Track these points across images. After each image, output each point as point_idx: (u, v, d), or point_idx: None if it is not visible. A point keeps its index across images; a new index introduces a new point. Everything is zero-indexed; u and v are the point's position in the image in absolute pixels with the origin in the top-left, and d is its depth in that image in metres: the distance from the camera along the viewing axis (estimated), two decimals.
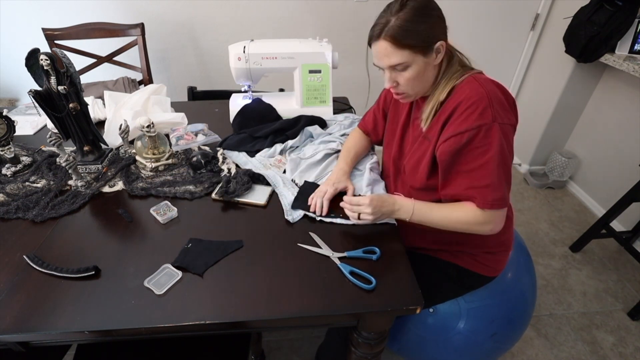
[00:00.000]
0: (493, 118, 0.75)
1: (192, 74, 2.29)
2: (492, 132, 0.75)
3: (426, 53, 0.78)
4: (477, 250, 0.97)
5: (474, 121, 0.75)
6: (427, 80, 0.83)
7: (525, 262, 1.18)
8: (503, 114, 0.77)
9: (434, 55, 0.79)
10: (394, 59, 0.78)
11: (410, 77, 0.81)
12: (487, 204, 0.78)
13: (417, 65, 0.79)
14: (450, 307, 1.03)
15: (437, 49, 0.78)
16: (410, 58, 0.78)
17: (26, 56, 0.90)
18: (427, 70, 0.81)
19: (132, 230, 0.85)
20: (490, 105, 0.75)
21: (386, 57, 0.79)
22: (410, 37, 0.75)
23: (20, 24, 1.98)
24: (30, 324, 0.64)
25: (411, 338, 1.10)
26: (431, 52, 0.78)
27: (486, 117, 0.75)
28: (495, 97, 0.77)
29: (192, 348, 0.94)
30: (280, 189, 0.98)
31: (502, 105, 0.77)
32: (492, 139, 0.75)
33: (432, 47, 0.78)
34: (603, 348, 1.49)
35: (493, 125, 0.75)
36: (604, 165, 2.13)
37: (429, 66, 0.80)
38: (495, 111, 0.75)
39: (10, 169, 1.01)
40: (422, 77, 0.81)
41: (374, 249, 0.79)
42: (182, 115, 1.30)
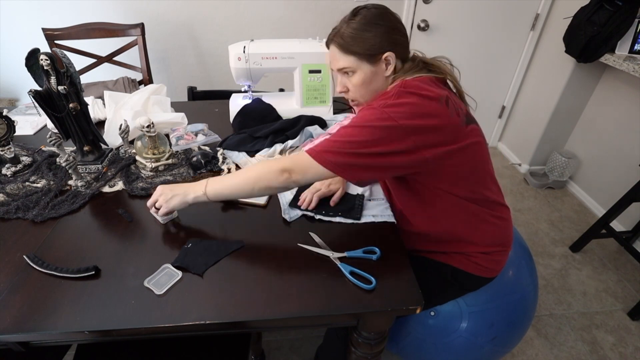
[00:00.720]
0: (383, 105, 0.75)
1: (192, 74, 2.29)
2: (372, 111, 0.75)
3: (372, 62, 0.81)
4: (470, 250, 0.96)
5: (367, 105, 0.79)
6: (375, 89, 0.86)
7: (528, 264, 1.17)
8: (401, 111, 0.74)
9: (384, 66, 0.82)
10: (341, 62, 0.84)
11: (357, 83, 0.85)
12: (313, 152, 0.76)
13: (363, 72, 0.83)
14: (451, 310, 1.03)
15: (386, 59, 0.81)
16: (355, 64, 0.82)
17: (26, 56, 0.90)
18: (374, 79, 0.84)
19: (132, 230, 0.85)
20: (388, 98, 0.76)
21: (334, 61, 0.85)
22: (355, 45, 0.80)
23: (20, 24, 1.98)
24: (30, 324, 0.64)
25: (411, 340, 1.09)
26: (378, 61, 0.81)
27: (377, 102, 0.76)
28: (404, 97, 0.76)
29: (192, 348, 0.94)
30: None
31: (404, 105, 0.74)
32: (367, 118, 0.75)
33: (378, 56, 0.81)
34: (603, 348, 1.49)
35: (376, 108, 0.75)
36: (604, 165, 2.14)
37: (377, 75, 0.83)
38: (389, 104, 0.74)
39: (10, 169, 1.01)
40: (369, 84, 0.84)
41: (374, 249, 0.79)
42: (182, 115, 1.30)
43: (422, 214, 0.91)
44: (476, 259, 0.97)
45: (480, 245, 0.96)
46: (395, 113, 0.73)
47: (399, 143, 0.73)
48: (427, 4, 2.15)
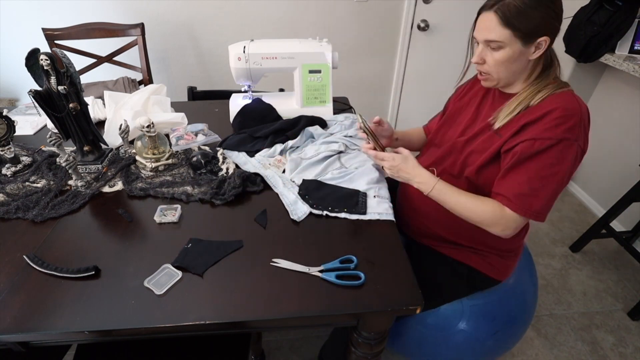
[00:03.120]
0: (576, 137, 0.75)
1: (192, 74, 2.29)
2: (571, 150, 0.75)
3: (526, 42, 0.77)
4: (489, 251, 0.97)
5: (561, 133, 0.75)
6: (514, 70, 0.82)
7: (527, 261, 1.18)
8: (584, 138, 0.78)
9: (533, 49, 0.78)
10: (493, 34, 0.77)
11: (500, 59, 0.79)
12: (522, 210, 0.78)
13: (512, 49, 0.77)
14: (452, 305, 1.03)
15: (539, 43, 0.77)
16: (508, 39, 0.76)
17: (26, 56, 0.90)
18: (518, 60, 0.79)
19: (132, 230, 0.85)
20: (580, 125, 0.75)
21: (486, 30, 0.78)
22: (519, 20, 0.74)
23: (20, 24, 1.98)
24: (30, 324, 0.64)
25: (412, 336, 1.10)
26: (531, 43, 0.77)
27: (573, 133, 0.75)
28: (585, 120, 0.78)
29: (192, 348, 0.94)
30: (280, 189, 0.98)
31: (586, 130, 0.78)
32: (566, 156, 0.75)
33: (534, 38, 0.76)
34: (603, 348, 1.49)
35: (574, 144, 0.75)
36: (604, 165, 2.13)
37: (522, 57, 0.79)
38: (580, 132, 0.76)
39: (10, 169, 1.01)
40: (511, 64, 0.80)
41: (350, 258, 0.77)
42: (182, 115, 1.30)
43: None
44: (491, 260, 0.97)
45: (499, 249, 0.97)
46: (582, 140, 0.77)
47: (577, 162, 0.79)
48: (427, 4, 2.15)
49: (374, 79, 2.42)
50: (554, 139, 0.75)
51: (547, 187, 0.77)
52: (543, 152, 0.76)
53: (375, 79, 2.42)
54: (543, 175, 0.76)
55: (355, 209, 0.91)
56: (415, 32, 2.24)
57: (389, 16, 2.16)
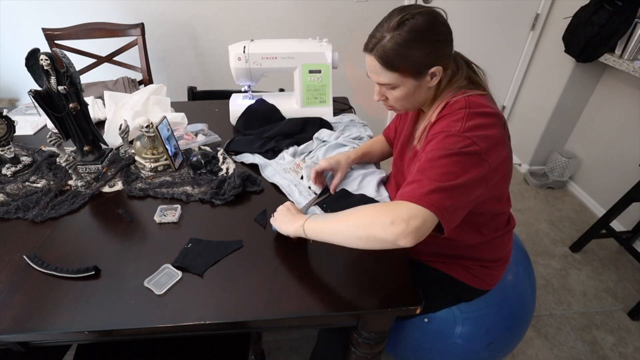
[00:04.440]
0: (461, 130, 0.69)
1: (192, 74, 2.29)
2: (454, 139, 0.69)
3: (418, 77, 0.75)
4: (472, 263, 0.96)
5: (442, 127, 0.72)
6: (417, 100, 0.81)
7: (525, 269, 1.16)
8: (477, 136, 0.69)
9: (428, 78, 0.76)
10: (382, 78, 0.77)
11: (398, 97, 0.79)
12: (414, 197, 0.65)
13: (406, 87, 0.77)
14: (445, 316, 1.02)
15: (432, 73, 0.75)
16: (398, 80, 0.76)
17: (26, 56, 0.90)
18: (417, 92, 0.78)
19: (132, 230, 0.85)
20: (463, 120, 0.71)
21: (375, 74, 0.78)
22: (401, 62, 0.72)
23: (20, 24, 1.99)
24: (30, 324, 0.64)
25: (408, 345, 1.09)
26: (424, 76, 0.75)
27: (455, 126, 0.71)
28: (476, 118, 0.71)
29: (192, 348, 0.94)
30: (296, 197, 0.97)
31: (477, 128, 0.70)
32: (450, 145, 0.68)
33: (424, 73, 0.74)
34: (603, 348, 1.49)
35: (458, 135, 0.69)
36: (604, 165, 2.13)
37: (420, 88, 0.78)
38: (465, 126, 0.70)
39: (10, 169, 1.01)
40: (411, 97, 0.79)
41: None
42: (182, 115, 1.30)
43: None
44: (475, 271, 0.96)
45: (482, 260, 0.96)
46: (477, 137, 0.68)
47: (479, 169, 0.68)
48: (427, 4, 2.15)
49: None
50: (434, 134, 0.73)
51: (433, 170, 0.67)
52: (426, 148, 0.73)
53: None
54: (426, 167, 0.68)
55: None
56: None
57: None
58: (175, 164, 1.05)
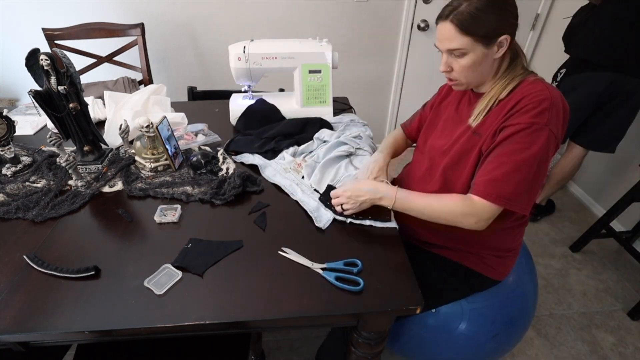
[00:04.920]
0: (547, 122, 0.74)
1: (192, 74, 2.29)
2: (541, 134, 0.74)
3: (487, 44, 0.78)
4: (486, 253, 0.97)
5: (529, 118, 0.75)
6: (482, 72, 0.83)
7: (527, 262, 1.18)
8: (556, 122, 0.76)
9: (495, 49, 0.79)
10: (454, 43, 0.79)
11: (466, 65, 0.81)
12: (491, 196, 0.76)
13: (475, 54, 0.79)
14: (452, 308, 1.03)
15: (500, 42, 0.78)
16: (469, 46, 0.78)
17: (26, 56, 0.90)
18: (484, 62, 0.80)
19: (132, 230, 0.85)
20: (550, 109, 0.75)
21: (447, 40, 0.80)
22: (476, 26, 0.75)
23: (20, 24, 1.98)
24: (30, 324, 0.64)
25: (412, 338, 1.09)
26: (493, 44, 0.78)
27: (542, 118, 0.74)
28: (557, 104, 0.76)
29: (192, 348, 0.94)
30: (299, 196, 0.96)
31: (558, 115, 0.76)
32: (536, 140, 0.74)
33: (495, 39, 0.77)
34: (603, 348, 1.49)
35: (544, 129, 0.74)
36: (604, 165, 2.13)
37: (487, 58, 0.80)
38: (552, 116, 0.75)
39: (10, 169, 1.01)
40: (477, 67, 0.81)
41: (355, 262, 0.76)
42: (182, 115, 1.30)
43: None
44: (489, 261, 0.97)
45: (497, 249, 0.97)
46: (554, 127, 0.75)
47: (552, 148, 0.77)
48: (427, 4, 2.15)
49: (374, 79, 2.42)
50: (522, 124, 0.75)
51: (517, 173, 0.75)
52: (511, 137, 0.76)
53: (375, 79, 2.42)
54: (512, 160, 0.75)
55: (380, 216, 0.89)
56: (415, 32, 2.24)
57: (389, 16, 2.16)
58: (175, 164, 1.05)
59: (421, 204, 0.84)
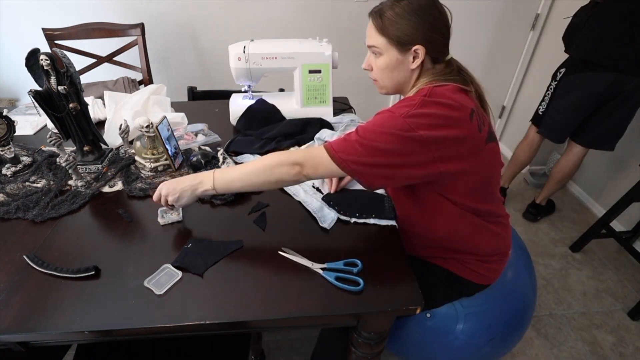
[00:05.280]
0: (406, 115, 0.72)
1: (192, 74, 2.29)
2: (393, 118, 0.73)
3: (401, 50, 0.79)
4: (468, 258, 0.96)
5: (393, 108, 0.76)
6: (397, 78, 0.84)
7: (526, 266, 1.17)
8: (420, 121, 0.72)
9: (411, 58, 0.80)
10: (371, 40, 0.82)
11: (380, 66, 0.84)
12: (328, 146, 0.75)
13: (389, 57, 0.81)
14: (447, 312, 1.03)
15: (415, 52, 0.79)
16: (384, 46, 0.81)
17: (26, 56, 0.90)
18: (398, 68, 0.82)
19: (132, 230, 0.85)
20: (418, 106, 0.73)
21: (368, 36, 0.84)
22: (391, 28, 0.78)
23: (20, 24, 1.98)
24: (30, 324, 0.64)
25: (410, 341, 1.09)
26: (407, 52, 0.79)
27: (400, 110, 0.74)
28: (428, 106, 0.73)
29: (192, 348, 0.94)
30: (302, 196, 0.96)
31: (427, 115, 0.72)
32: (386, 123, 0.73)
33: (408, 47, 0.79)
34: (603, 348, 1.49)
35: (398, 117, 0.72)
36: (604, 165, 2.13)
37: (402, 65, 0.81)
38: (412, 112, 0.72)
39: (10, 169, 1.01)
40: (391, 71, 0.83)
41: (355, 262, 0.76)
42: (182, 115, 1.30)
43: (422, 220, 0.91)
44: (472, 265, 0.96)
45: (477, 255, 0.96)
46: (416, 124, 0.71)
47: (418, 155, 0.73)
48: None
49: None
50: (386, 111, 0.77)
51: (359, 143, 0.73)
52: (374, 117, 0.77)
53: None
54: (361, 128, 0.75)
55: (384, 214, 0.89)
56: None
57: None
58: (175, 164, 1.05)
59: (240, 171, 0.80)
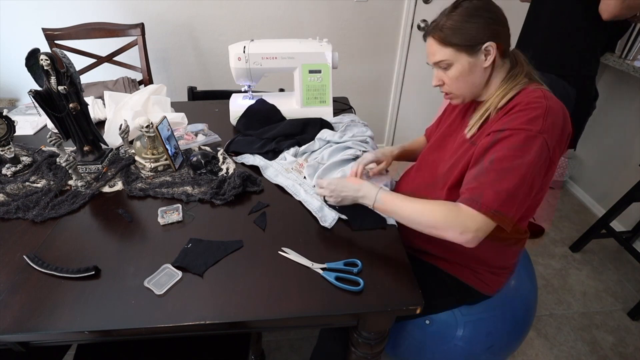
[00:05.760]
0: (540, 130, 0.69)
1: (192, 74, 2.29)
2: (533, 142, 0.69)
3: (471, 53, 0.78)
4: (482, 269, 0.95)
5: (520, 124, 0.71)
6: (473, 82, 0.82)
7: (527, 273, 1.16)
8: (552, 133, 0.71)
9: (483, 57, 0.78)
10: (438, 56, 0.80)
11: (454, 76, 0.81)
12: (476, 204, 0.70)
13: (461, 64, 0.79)
14: (446, 319, 1.02)
15: (487, 50, 0.77)
16: (453, 56, 0.79)
17: (26, 56, 0.90)
18: (473, 71, 0.80)
19: (132, 230, 0.85)
20: (544, 117, 0.70)
21: (431, 54, 0.82)
22: (455, 36, 0.77)
23: (20, 24, 1.98)
24: (30, 324, 0.64)
25: (409, 347, 1.09)
26: (478, 52, 0.77)
27: (535, 125, 0.70)
28: (555, 114, 0.72)
29: (192, 348, 0.94)
30: (303, 196, 0.96)
31: (555, 125, 0.71)
32: (528, 149, 0.69)
33: (478, 47, 0.77)
34: (603, 348, 1.49)
35: (538, 137, 0.69)
36: (604, 165, 2.13)
37: (475, 67, 0.79)
38: (546, 125, 0.70)
39: (10, 169, 1.01)
40: (466, 77, 0.81)
41: (355, 262, 0.76)
42: (182, 115, 1.30)
43: None
44: (484, 277, 0.96)
45: (492, 267, 0.96)
46: (549, 136, 0.71)
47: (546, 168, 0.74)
48: (427, 4, 2.15)
49: (374, 79, 2.42)
50: (511, 129, 0.71)
51: (504, 180, 0.69)
52: (498, 143, 0.72)
53: (375, 79, 2.42)
54: (500, 167, 0.70)
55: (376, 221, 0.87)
56: (415, 32, 2.24)
57: (389, 16, 2.16)
58: (175, 164, 1.05)
59: (402, 206, 0.78)
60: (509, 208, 0.70)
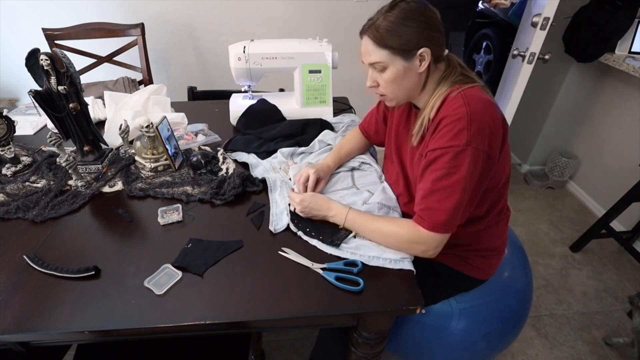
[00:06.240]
0: (467, 141, 0.72)
1: (192, 74, 2.29)
2: (463, 155, 0.72)
3: (406, 58, 0.77)
4: (469, 253, 0.96)
5: (447, 141, 0.73)
6: (408, 86, 0.82)
7: (521, 260, 1.17)
8: (481, 137, 0.73)
9: (418, 63, 0.78)
10: (373, 57, 0.79)
11: (389, 79, 0.81)
12: (429, 225, 0.76)
13: (395, 67, 0.78)
14: (441, 308, 1.03)
15: (421, 56, 0.77)
16: (388, 59, 0.78)
17: (26, 56, 0.90)
18: (407, 76, 0.79)
19: (132, 230, 0.85)
20: (468, 128, 0.72)
21: (366, 54, 0.81)
22: (391, 39, 0.76)
23: (20, 24, 1.98)
24: (30, 324, 0.64)
25: (406, 339, 1.09)
26: (413, 58, 0.77)
27: (460, 138, 0.72)
28: (477, 119, 0.73)
29: (192, 348, 0.94)
30: (275, 195, 0.96)
31: (481, 129, 0.73)
32: (460, 163, 0.72)
33: (413, 52, 0.76)
34: (603, 348, 1.49)
35: (465, 149, 0.72)
36: (604, 165, 2.13)
37: (410, 72, 0.79)
38: (471, 133, 0.72)
39: (10, 169, 1.01)
40: (400, 81, 0.80)
41: (355, 262, 0.76)
42: (182, 115, 1.30)
43: None
44: (472, 261, 0.97)
45: (479, 250, 0.97)
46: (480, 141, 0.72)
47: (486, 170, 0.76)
48: None
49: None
50: (441, 149, 0.74)
51: (447, 200, 0.74)
52: (434, 163, 0.76)
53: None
54: (440, 187, 0.74)
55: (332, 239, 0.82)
56: None
57: None
58: (175, 164, 1.05)
59: (370, 228, 0.83)
60: (455, 220, 0.77)
